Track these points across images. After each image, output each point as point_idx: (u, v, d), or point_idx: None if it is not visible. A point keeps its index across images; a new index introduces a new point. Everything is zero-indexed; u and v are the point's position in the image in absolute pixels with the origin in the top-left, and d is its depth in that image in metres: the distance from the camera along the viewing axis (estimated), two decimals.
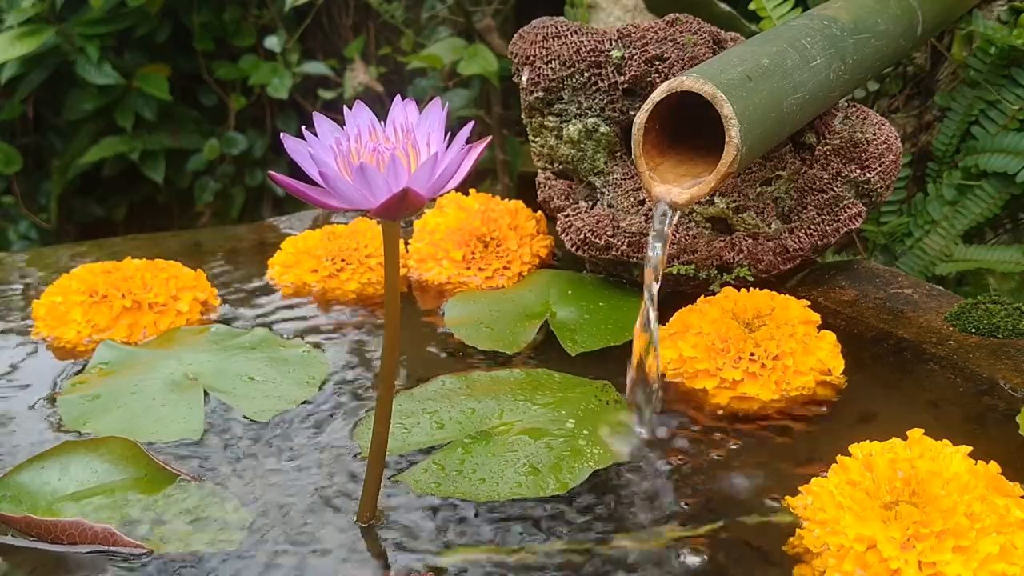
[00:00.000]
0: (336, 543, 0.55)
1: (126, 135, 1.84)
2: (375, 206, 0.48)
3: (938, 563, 0.48)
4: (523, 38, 0.86)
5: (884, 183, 0.80)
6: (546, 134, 0.87)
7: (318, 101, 1.81)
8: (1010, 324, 0.73)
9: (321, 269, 0.90)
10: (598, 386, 0.70)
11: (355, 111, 0.52)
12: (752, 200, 0.81)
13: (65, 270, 0.85)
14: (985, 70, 1.01)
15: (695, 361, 0.69)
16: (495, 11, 1.59)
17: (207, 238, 1.08)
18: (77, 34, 1.74)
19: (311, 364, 0.75)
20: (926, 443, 0.55)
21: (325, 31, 1.96)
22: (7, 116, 1.85)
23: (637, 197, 0.84)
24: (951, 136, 1.03)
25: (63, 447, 0.63)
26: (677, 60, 0.81)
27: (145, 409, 0.69)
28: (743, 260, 0.81)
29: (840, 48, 0.75)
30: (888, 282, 0.82)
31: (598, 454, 0.62)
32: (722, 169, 0.62)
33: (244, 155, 1.92)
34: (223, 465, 0.63)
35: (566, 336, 0.79)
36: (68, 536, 0.55)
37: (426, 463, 0.62)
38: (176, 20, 1.88)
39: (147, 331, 0.81)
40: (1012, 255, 0.96)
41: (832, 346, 0.71)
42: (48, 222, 1.91)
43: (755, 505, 0.58)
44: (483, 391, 0.69)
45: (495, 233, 0.90)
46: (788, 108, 0.68)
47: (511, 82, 0.91)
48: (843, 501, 0.52)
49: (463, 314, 0.83)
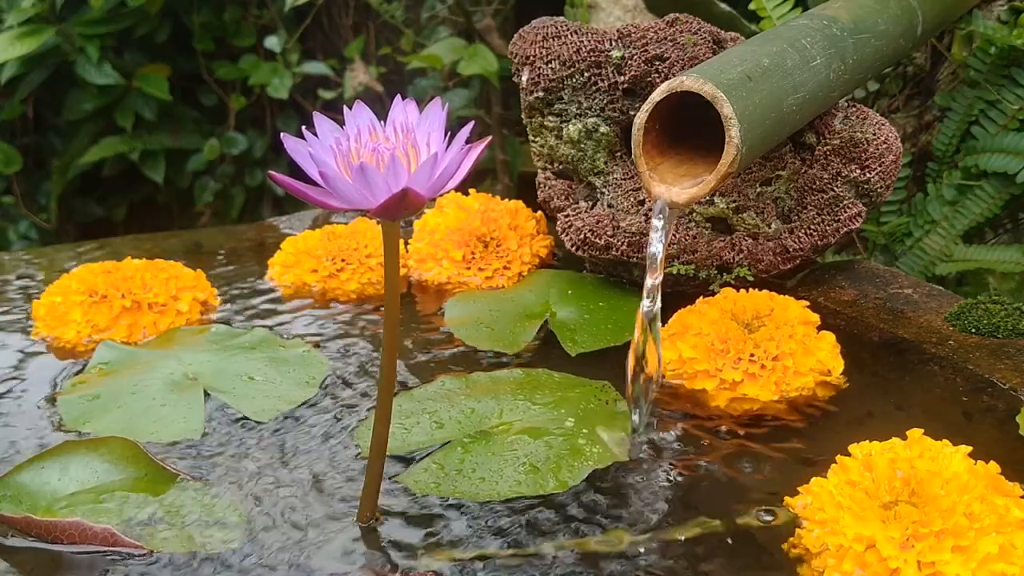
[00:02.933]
0: (336, 543, 0.55)
1: (126, 135, 1.84)
2: (375, 206, 0.48)
3: (937, 563, 0.48)
4: (523, 38, 0.86)
5: (884, 183, 0.80)
6: (546, 134, 0.87)
7: (318, 101, 1.82)
8: (1010, 324, 0.73)
9: (321, 269, 0.90)
10: (598, 386, 0.70)
11: (355, 111, 0.52)
12: (752, 200, 0.81)
13: (65, 270, 0.86)
14: (985, 70, 1.01)
15: (694, 362, 0.69)
16: (495, 11, 1.59)
17: (207, 238, 1.08)
18: (77, 34, 1.74)
19: (311, 364, 0.75)
20: (925, 443, 0.55)
21: (325, 31, 1.96)
22: (7, 116, 1.85)
23: (637, 197, 0.84)
24: (951, 136, 1.03)
25: (63, 447, 0.63)
26: (677, 60, 0.81)
27: (145, 409, 0.69)
28: (743, 260, 0.81)
29: (840, 48, 0.75)
30: (888, 282, 0.82)
31: (598, 453, 0.62)
32: (722, 169, 0.62)
33: (244, 155, 1.92)
34: (223, 465, 0.63)
35: (566, 336, 0.79)
36: (68, 536, 0.55)
37: (426, 463, 0.62)
38: (176, 20, 1.88)
39: (147, 331, 0.81)
40: (1012, 255, 0.96)
41: (832, 347, 0.71)
42: (48, 222, 1.91)
43: (754, 505, 0.58)
44: (483, 391, 0.69)
45: (495, 233, 0.90)
46: (788, 108, 0.68)
47: (511, 82, 0.91)
48: (842, 501, 0.52)
49: (463, 314, 0.83)
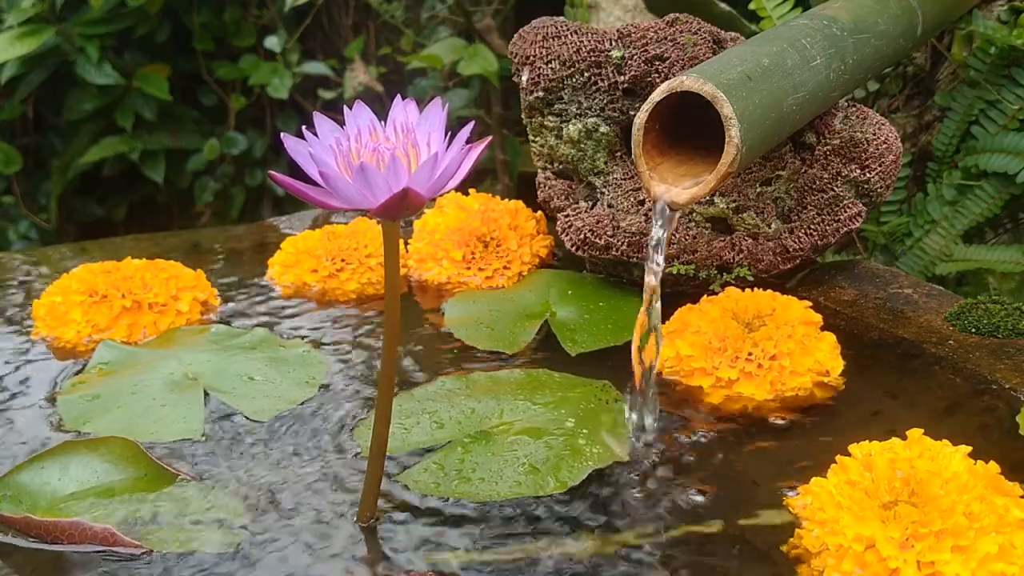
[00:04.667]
0: (336, 543, 0.55)
1: (126, 135, 1.84)
2: (375, 206, 0.48)
3: (937, 563, 0.48)
4: (523, 38, 0.86)
5: (884, 183, 0.80)
6: (546, 134, 0.87)
7: (318, 101, 1.82)
8: (1010, 324, 0.73)
9: (321, 269, 0.90)
10: (598, 386, 0.70)
11: (355, 111, 0.52)
12: (752, 200, 0.81)
13: (65, 270, 0.85)
14: (985, 70, 1.01)
15: (692, 359, 0.70)
16: (495, 11, 1.59)
17: (207, 238, 1.08)
18: (77, 34, 1.74)
19: (311, 364, 0.75)
20: (925, 443, 0.55)
21: (325, 31, 1.96)
22: (7, 116, 1.85)
23: (637, 197, 0.84)
24: (951, 136, 1.03)
25: (63, 447, 0.63)
26: (677, 60, 0.81)
27: (145, 409, 0.69)
28: (743, 260, 0.81)
29: (840, 48, 0.75)
30: (888, 282, 0.82)
31: (598, 453, 0.62)
32: (722, 169, 0.62)
33: (244, 155, 1.92)
34: (223, 465, 0.63)
35: (566, 336, 0.79)
36: (68, 536, 0.55)
37: (426, 463, 0.62)
38: (176, 20, 1.88)
39: (147, 331, 0.81)
40: (1012, 255, 0.96)
41: (831, 347, 0.70)
42: (48, 222, 1.91)
43: (754, 505, 0.58)
44: (483, 391, 0.69)
45: (495, 233, 0.90)
46: (788, 108, 0.68)
47: (511, 82, 0.91)
48: (842, 501, 0.52)
49: (463, 314, 0.83)
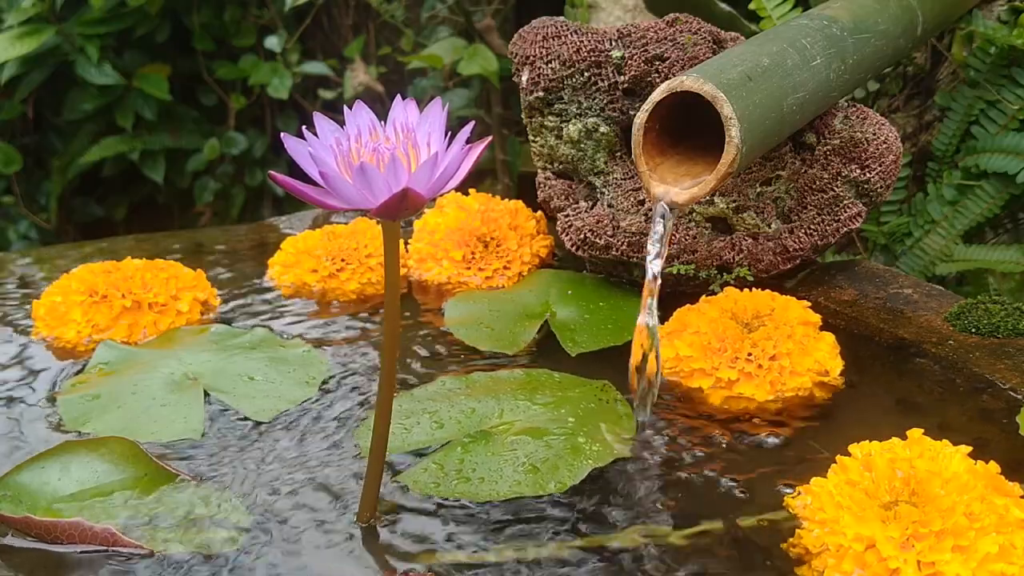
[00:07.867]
0: (336, 543, 0.55)
1: (126, 135, 1.84)
2: (375, 206, 0.48)
3: (937, 563, 0.48)
4: (523, 38, 0.86)
5: (884, 183, 0.80)
6: (546, 134, 0.87)
7: (318, 101, 1.82)
8: (1010, 324, 0.73)
9: (321, 269, 0.90)
10: (598, 386, 0.70)
11: (355, 111, 0.52)
12: (752, 200, 0.81)
13: (65, 270, 0.85)
14: (985, 70, 1.01)
15: (691, 360, 0.69)
16: (495, 11, 1.59)
17: (207, 238, 1.08)
18: (77, 34, 1.74)
19: (311, 364, 0.75)
20: (925, 443, 0.55)
21: (325, 31, 1.96)
22: (7, 116, 1.85)
23: (637, 197, 0.84)
24: (951, 136, 1.03)
25: (63, 447, 0.63)
26: (677, 60, 0.81)
27: (145, 409, 0.69)
28: (743, 260, 0.81)
29: (840, 48, 0.75)
30: (888, 282, 0.82)
31: (598, 452, 0.62)
32: (722, 169, 0.62)
33: (244, 155, 1.92)
34: (223, 465, 0.63)
35: (566, 336, 0.79)
36: (68, 536, 0.55)
37: (426, 463, 0.62)
38: (176, 20, 1.88)
39: (147, 331, 0.81)
40: (1012, 255, 0.96)
41: (831, 347, 0.71)
42: (48, 222, 1.91)
43: (754, 505, 0.58)
44: (483, 391, 0.69)
45: (495, 233, 0.90)
46: (788, 108, 0.68)
47: (511, 82, 0.90)
48: (842, 501, 0.52)
49: (463, 314, 0.83)
